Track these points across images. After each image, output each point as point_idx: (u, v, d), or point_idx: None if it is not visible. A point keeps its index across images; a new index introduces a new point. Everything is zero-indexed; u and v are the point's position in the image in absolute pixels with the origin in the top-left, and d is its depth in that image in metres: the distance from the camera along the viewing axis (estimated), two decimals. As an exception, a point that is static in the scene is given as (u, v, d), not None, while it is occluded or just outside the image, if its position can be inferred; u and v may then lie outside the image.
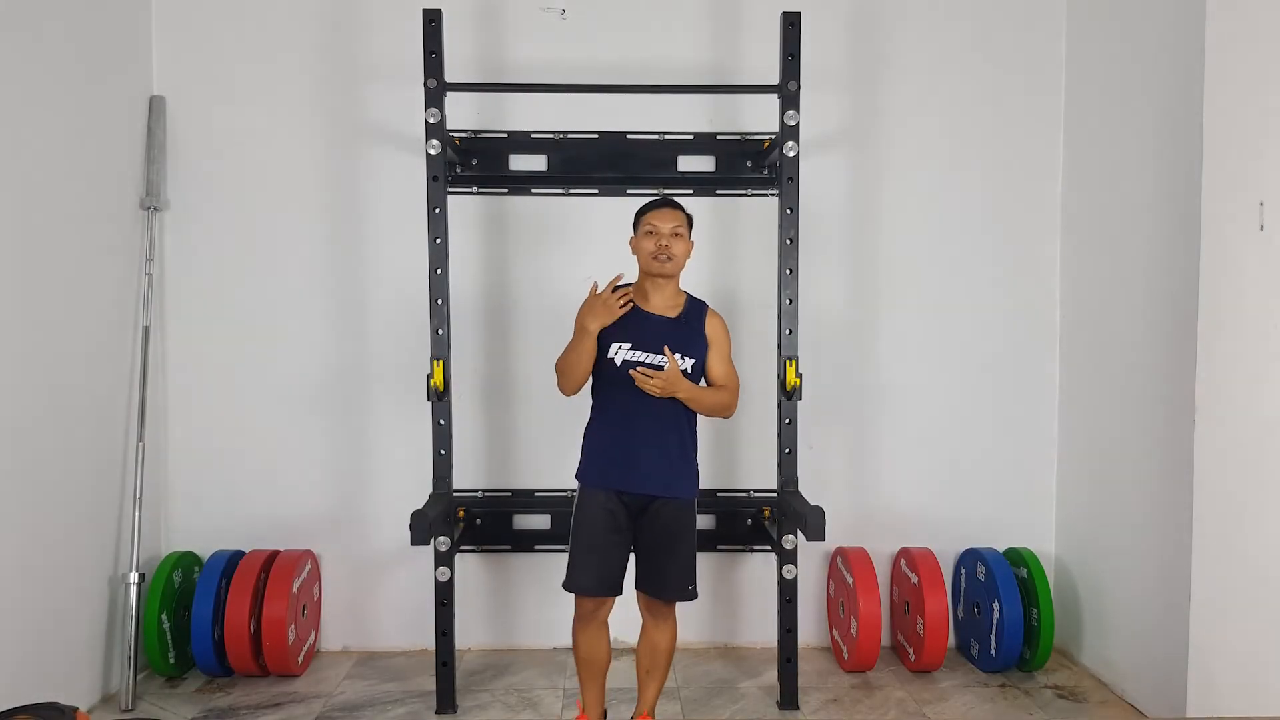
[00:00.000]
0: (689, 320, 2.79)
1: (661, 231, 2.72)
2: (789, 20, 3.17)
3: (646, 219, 2.77)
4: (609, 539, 2.72)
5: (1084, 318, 3.62)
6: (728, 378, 2.83)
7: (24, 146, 2.87)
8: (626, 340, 2.71)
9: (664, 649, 2.84)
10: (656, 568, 2.76)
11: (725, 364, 2.83)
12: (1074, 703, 3.28)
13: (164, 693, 3.35)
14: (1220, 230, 2.85)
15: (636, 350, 2.70)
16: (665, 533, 2.75)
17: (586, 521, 2.74)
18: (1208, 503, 2.89)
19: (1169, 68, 3.04)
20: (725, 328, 2.85)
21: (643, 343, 2.71)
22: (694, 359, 2.75)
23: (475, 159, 3.66)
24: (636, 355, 2.70)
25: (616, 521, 2.73)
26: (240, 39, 3.64)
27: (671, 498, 2.76)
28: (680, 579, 2.78)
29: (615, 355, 2.71)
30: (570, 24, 3.70)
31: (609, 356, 2.71)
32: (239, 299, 3.68)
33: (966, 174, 3.77)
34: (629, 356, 2.70)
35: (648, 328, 2.73)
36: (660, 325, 2.75)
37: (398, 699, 3.30)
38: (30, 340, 2.89)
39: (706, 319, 2.82)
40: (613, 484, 2.74)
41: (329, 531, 3.74)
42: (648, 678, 2.87)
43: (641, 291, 2.79)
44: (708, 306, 2.86)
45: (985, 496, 3.81)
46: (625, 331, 2.71)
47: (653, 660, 2.85)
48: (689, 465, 2.82)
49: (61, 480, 3.03)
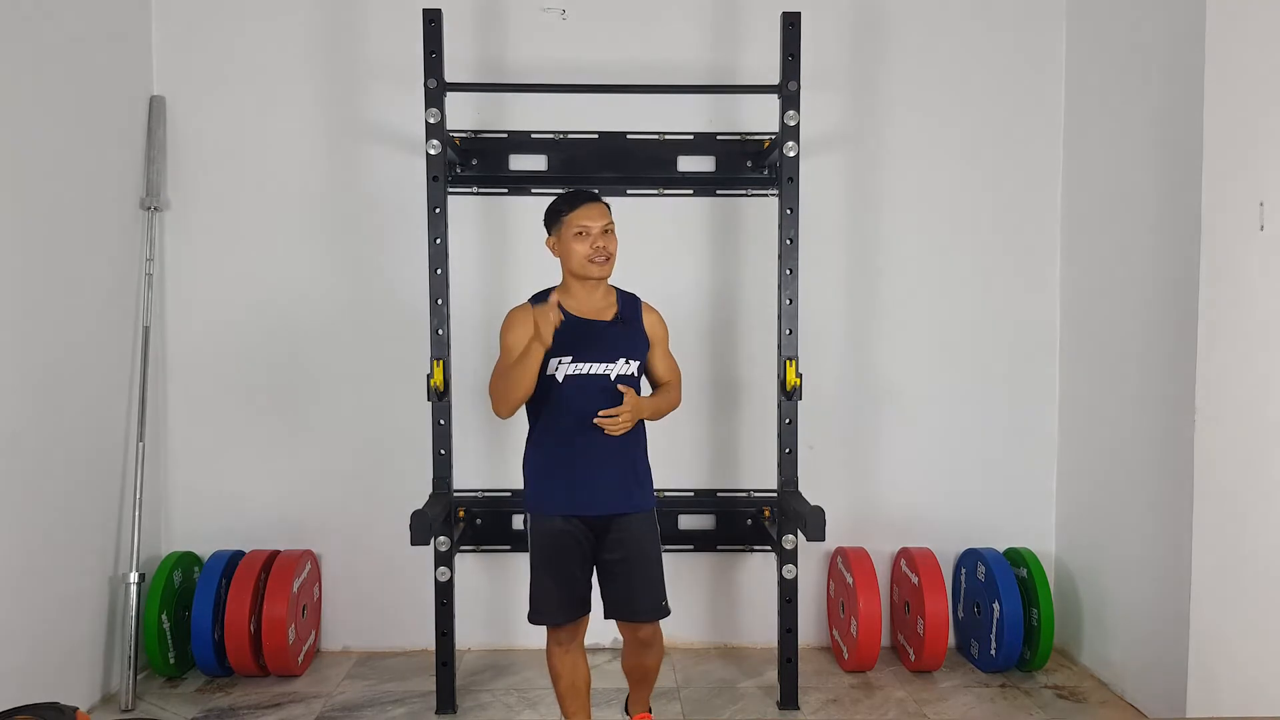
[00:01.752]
0: (627, 320, 2.59)
1: (593, 231, 2.50)
2: (789, 20, 3.17)
3: (573, 219, 2.50)
4: (570, 561, 2.54)
5: (1084, 318, 3.62)
6: (671, 372, 2.69)
7: (24, 147, 2.87)
8: (566, 354, 2.48)
9: (652, 666, 2.72)
10: (626, 591, 2.56)
11: (667, 358, 2.68)
12: (1074, 703, 3.28)
13: (164, 693, 3.35)
14: (1220, 230, 2.85)
15: (579, 362, 2.49)
16: (632, 549, 2.55)
17: (543, 548, 2.56)
18: (1208, 503, 2.89)
19: (1169, 68, 3.04)
20: (663, 320, 2.69)
21: (584, 353, 2.49)
22: (638, 360, 2.57)
23: (475, 159, 3.66)
24: (579, 368, 2.49)
25: (575, 541, 2.54)
26: (240, 39, 3.64)
27: (633, 511, 2.56)
28: (653, 597, 2.57)
29: (556, 371, 2.49)
30: (570, 24, 3.70)
31: (549, 373, 2.48)
32: (239, 299, 3.68)
33: (967, 174, 3.77)
34: (571, 371, 2.49)
35: (587, 335, 2.51)
36: (599, 330, 2.54)
37: (398, 699, 3.30)
38: (30, 340, 2.89)
39: (643, 315, 2.64)
40: (569, 510, 2.54)
41: (329, 531, 3.74)
42: (639, 685, 2.79)
43: (571, 295, 2.56)
44: (641, 300, 2.68)
45: (985, 496, 3.81)
46: (563, 344, 2.46)
47: (642, 674, 2.75)
48: (645, 475, 2.63)
49: (61, 480, 3.03)
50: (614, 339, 2.54)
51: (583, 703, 2.66)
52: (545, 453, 2.59)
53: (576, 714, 2.66)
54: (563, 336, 2.44)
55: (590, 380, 2.50)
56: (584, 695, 2.66)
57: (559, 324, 2.40)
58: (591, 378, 2.50)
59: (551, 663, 2.64)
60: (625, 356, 2.53)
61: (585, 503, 2.53)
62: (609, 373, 2.51)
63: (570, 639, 2.61)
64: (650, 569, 2.58)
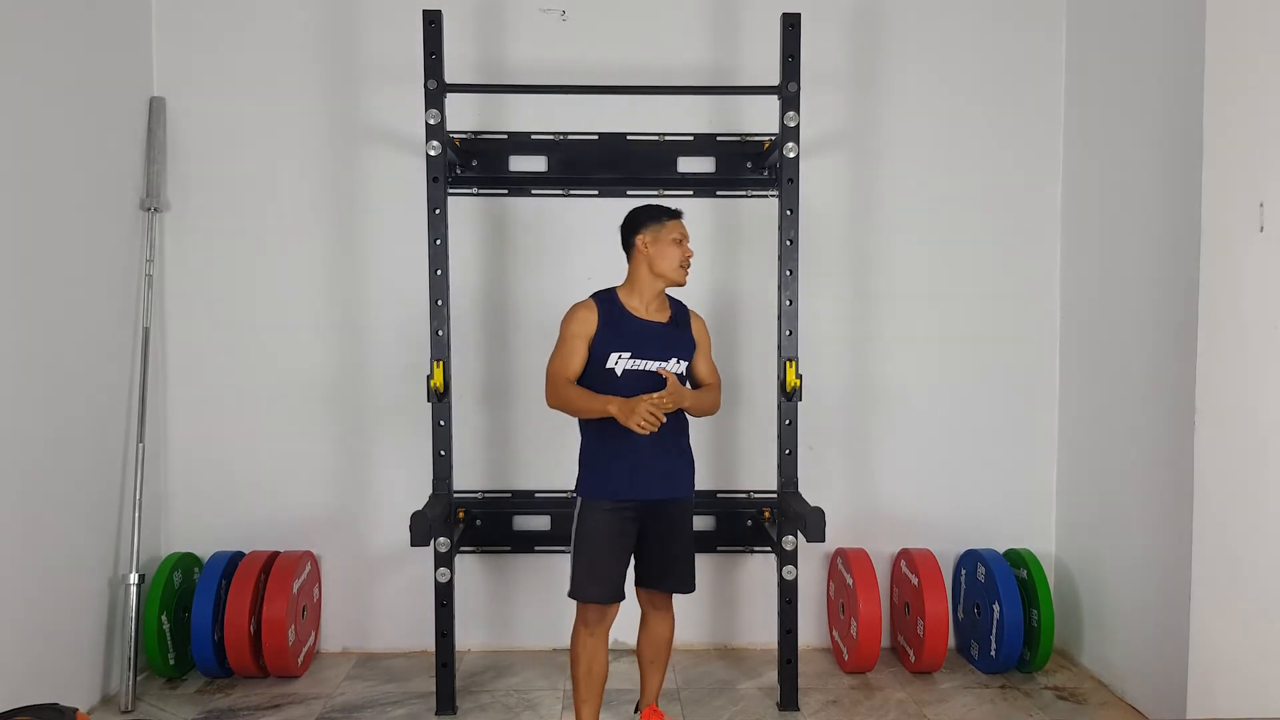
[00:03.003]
0: (678, 324, 2.81)
1: (686, 242, 2.76)
2: (789, 21, 3.17)
3: (675, 226, 2.75)
4: (616, 547, 2.71)
5: (1084, 318, 3.62)
6: (712, 374, 2.89)
7: (24, 147, 2.87)
8: (625, 349, 2.69)
9: (666, 639, 2.89)
10: (663, 564, 2.78)
11: (709, 362, 2.89)
12: (1074, 704, 3.28)
13: (164, 694, 3.35)
14: (1220, 231, 2.85)
15: (636, 359, 2.69)
16: (672, 530, 2.78)
17: (592, 532, 2.71)
18: (1208, 504, 2.89)
19: (1169, 69, 3.04)
20: (706, 327, 2.91)
21: (642, 350, 2.70)
22: (687, 361, 2.78)
23: (475, 160, 3.66)
24: (637, 364, 2.68)
25: (623, 528, 2.71)
26: (240, 40, 3.65)
27: (680, 497, 2.79)
28: (686, 572, 2.83)
29: (615, 365, 2.68)
30: (570, 25, 3.70)
31: (608, 367, 2.69)
32: (239, 299, 3.68)
33: (967, 175, 3.77)
34: (629, 366, 2.68)
35: (644, 335, 2.72)
36: (655, 331, 2.74)
37: (397, 700, 3.30)
38: (30, 341, 2.89)
39: (691, 321, 2.86)
40: (622, 495, 2.70)
41: (329, 532, 3.74)
42: (651, 668, 2.91)
43: (636, 296, 2.76)
44: (689, 308, 2.90)
45: (985, 497, 3.81)
46: (623, 340, 2.69)
47: (655, 650, 2.89)
48: (690, 463, 2.85)
49: (62, 481, 3.03)
50: (668, 340, 2.75)
51: (596, 690, 2.77)
52: (604, 442, 2.72)
53: (587, 701, 2.77)
54: (624, 333, 2.70)
55: (646, 376, 2.70)
56: (598, 684, 2.78)
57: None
58: (647, 374, 2.70)
59: (575, 647, 2.76)
60: (677, 357, 2.74)
61: (644, 487, 2.71)
62: (663, 370, 2.70)
63: (599, 622, 2.74)
64: (687, 549, 2.83)
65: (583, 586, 2.71)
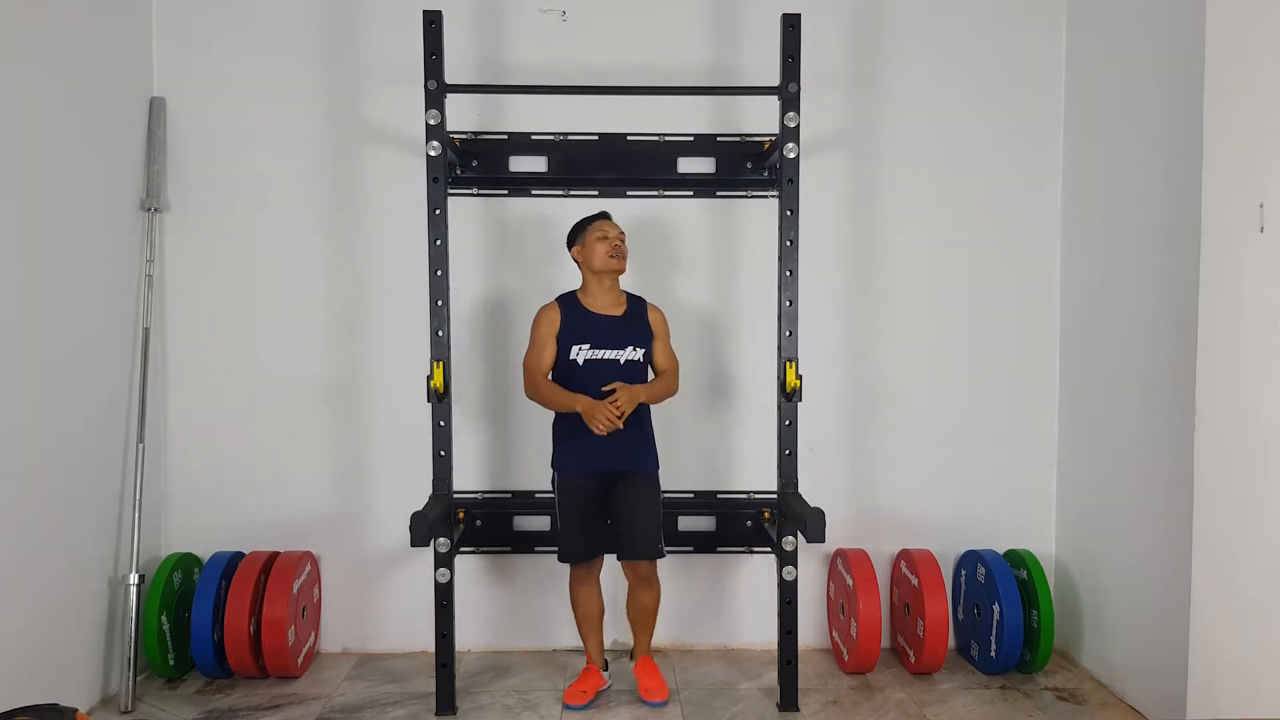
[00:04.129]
0: (634, 316, 3.21)
1: (611, 235, 3.16)
2: (789, 22, 3.17)
3: (594, 228, 3.17)
4: (589, 511, 3.14)
5: (1084, 319, 3.62)
6: (668, 360, 3.25)
7: (24, 148, 2.87)
8: (585, 341, 3.12)
9: (649, 606, 3.26)
10: (631, 535, 3.11)
11: (666, 350, 3.24)
12: (1074, 705, 3.28)
13: (164, 694, 3.35)
14: (1220, 232, 2.85)
15: (594, 349, 3.12)
16: (635, 500, 3.12)
17: (568, 502, 3.16)
18: (1208, 504, 2.89)
19: (1169, 69, 3.04)
20: (664, 317, 3.28)
21: (599, 341, 3.13)
22: (643, 348, 3.18)
23: (475, 160, 3.66)
24: (596, 354, 3.12)
25: (592, 495, 3.15)
26: (240, 40, 3.65)
27: (636, 470, 3.16)
28: (651, 540, 3.13)
29: (577, 356, 3.12)
30: (571, 25, 3.70)
31: (571, 358, 3.12)
32: (239, 299, 3.68)
33: (967, 175, 3.77)
34: (589, 355, 3.12)
35: (601, 327, 3.15)
36: (611, 323, 3.16)
37: (397, 701, 3.30)
38: (30, 341, 2.89)
39: (648, 312, 3.24)
40: (588, 466, 3.14)
41: (329, 533, 3.74)
42: (639, 629, 3.31)
43: (590, 295, 3.19)
44: (646, 301, 3.28)
45: (985, 498, 3.81)
46: (584, 333, 3.13)
47: (641, 616, 3.28)
48: (647, 442, 3.21)
49: (62, 481, 3.03)
50: (623, 331, 3.16)
51: (595, 626, 3.31)
52: (569, 422, 3.15)
53: (590, 635, 3.32)
54: (583, 327, 3.13)
55: (604, 364, 3.12)
56: (596, 621, 3.30)
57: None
58: (605, 362, 3.12)
59: (572, 596, 3.27)
60: (632, 345, 3.15)
61: (602, 461, 3.13)
62: (619, 358, 3.13)
63: (587, 574, 3.23)
64: (650, 517, 3.13)
65: (567, 551, 3.17)
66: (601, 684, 3.31)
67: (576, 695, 3.23)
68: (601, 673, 3.32)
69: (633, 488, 3.13)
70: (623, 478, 3.14)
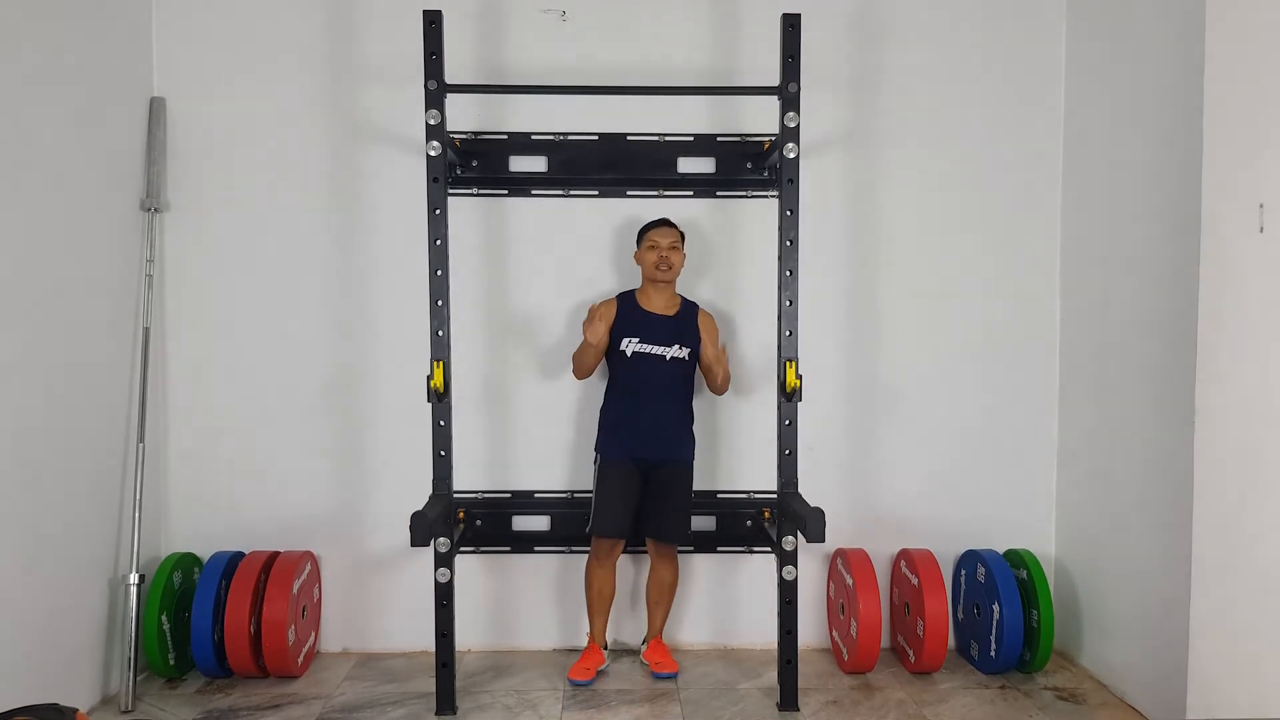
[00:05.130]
0: (684, 318, 3.43)
1: (661, 245, 3.37)
2: (789, 22, 3.17)
3: (649, 236, 3.40)
4: (624, 495, 3.37)
5: (1084, 319, 3.62)
6: (716, 352, 3.38)
7: (25, 148, 2.87)
8: (635, 335, 3.38)
9: (669, 583, 3.51)
10: (661, 517, 3.40)
11: (713, 348, 3.38)
12: (1074, 704, 3.28)
13: (164, 694, 3.35)
14: (1220, 232, 2.85)
15: (644, 344, 3.37)
16: (669, 488, 3.39)
17: (607, 482, 3.39)
18: (1207, 504, 2.89)
19: (1169, 69, 3.04)
20: (714, 321, 3.53)
21: (649, 337, 3.38)
22: (689, 348, 3.40)
23: (475, 160, 3.66)
24: (643, 348, 3.37)
25: (631, 483, 3.38)
26: (240, 40, 3.65)
27: (675, 459, 3.41)
28: (680, 525, 3.43)
29: (626, 348, 3.38)
30: (571, 25, 3.70)
31: (620, 349, 3.38)
32: (239, 300, 3.68)
33: (967, 175, 3.77)
34: (637, 349, 3.37)
35: (652, 324, 3.39)
36: (662, 322, 3.40)
37: (397, 700, 3.30)
38: (30, 341, 2.89)
39: (699, 316, 3.47)
40: (628, 453, 3.38)
41: (329, 532, 3.74)
42: (656, 607, 3.52)
43: (645, 295, 3.44)
44: (699, 307, 3.51)
45: (985, 498, 3.82)
46: (635, 328, 3.39)
47: (660, 592, 3.51)
48: (688, 432, 3.47)
49: (62, 481, 3.03)
50: (671, 330, 3.40)
51: (604, 608, 3.50)
52: (614, 407, 3.44)
53: (598, 615, 3.50)
54: (637, 323, 3.40)
55: (651, 358, 3.38)
56: (606, 603, 3.50)
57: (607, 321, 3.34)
58: (652, 356, 3.38)
59: (588, 575, 3.48)
60: (679, 344, 3.40)
61: (641, 448, 3.39)
62: (665, 354, 3.38)
63: (606, 555, 3.43)
64: (678, 504, 3.42)
65: (598, 524, 3.37)
66: (602, 661, 3.50)
67: (581, 671, 3.42)
68: (602, 650, 3.51)
69: (669, 475, 3.39)
70: (663, 466, 3.39)
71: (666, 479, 3.39)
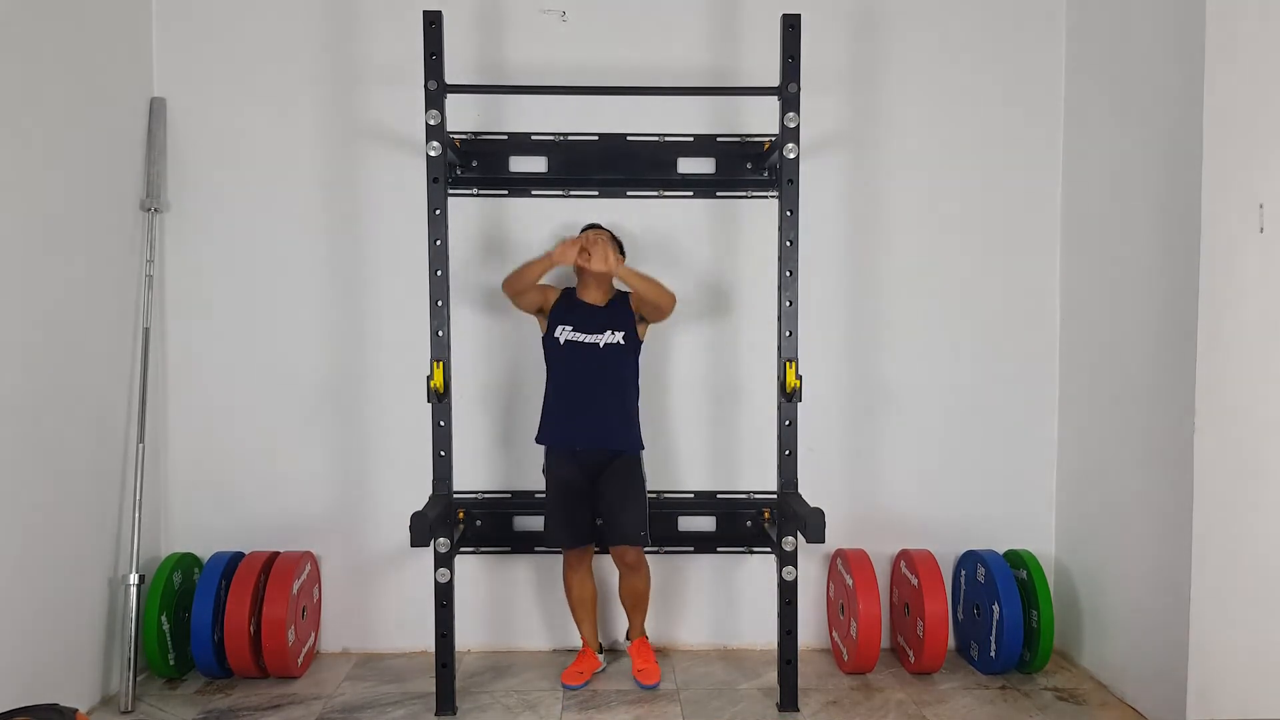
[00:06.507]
0: (616, 305, 3.38)
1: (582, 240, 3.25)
2: (789, 22, 3.17)
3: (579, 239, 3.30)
4: (572, 500, 3.30)
5: (1084, 319, 3.62)
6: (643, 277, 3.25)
7: (24, 148, 2.87)
8: (569, 323, 3.31)
9: (639, 591, 3.44)
10: (615, 519, 3.28)
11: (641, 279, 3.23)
12: (1074, 705, 3.28)
13: (164, 694, 3.35)
14: (1220, 232, 2.85)
15: (576, 331, 3.31)
16: (618, 488, 3.28)
17: (554, 487, 3.33)
18: (1207, 504, 2.89)
19: (1169, 69, 3.04)
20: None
21: (580, 325, 3.32)
22: (623, 331, 3.32)
23: (475, 160, 3.66)
24: (576, 335, 3.31)
25: (578, 485, 3.30)
26: (241, 40, 3.65)
27: (619, 451, 3.31)
28: (634, 524, 3.28)
29: (560, 335, 3.32)
30: (571, 26, 3.70)
31: (554, 336, 3.32)
32: (239, 300, 3.68)
33: (967, 175, 3.77)
34: (570, 337, 3.31)
35: (584, 313, 3.35)
36: (594, 311, 3.35)
37: (397, 701, 3.30)
38: (30, 341, 2.89)
39: (630, 300, 3.38)
40: (566, 441, 3.31)
41: (329, 533, 3.74)
42: (632, 612, 3.49)
43: (583, 287, 3.38)
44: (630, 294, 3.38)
45: (985, 498, 3.81)
46: (569, 316, 3.33)
47: (632, 599, 3.46)
48: (631, 423, 3.35)
49: (62, 481, 3.03)
50: (604, 316, 3.34)
51: (588, 612, 3.47)
52: (553, 398, 3.35)
53: (584, 621, 3.47)
54: (571, 312, 3.33)
55: (584, 346, 3.30)
56: (589, 607, 3.46)
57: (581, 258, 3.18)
58: (585, 345, 3.30)
59: (565, 582, 3.45)
60: (611, 329, 3.32)
61: (579, 436, 3.30)
62: (599, 341, 3.30)
63: (578, 562, 3.41)
64: (632, 504, 3.28)
65: (550, 534, 3.35)
66: (597, 665, 3.47)
67: (573, 676, 3.40)
68: (596, 655, 3.48)
69: (616, 476, 3.29)
70: (608, 466, 3.29)
71: (613, 476, 3.28)
